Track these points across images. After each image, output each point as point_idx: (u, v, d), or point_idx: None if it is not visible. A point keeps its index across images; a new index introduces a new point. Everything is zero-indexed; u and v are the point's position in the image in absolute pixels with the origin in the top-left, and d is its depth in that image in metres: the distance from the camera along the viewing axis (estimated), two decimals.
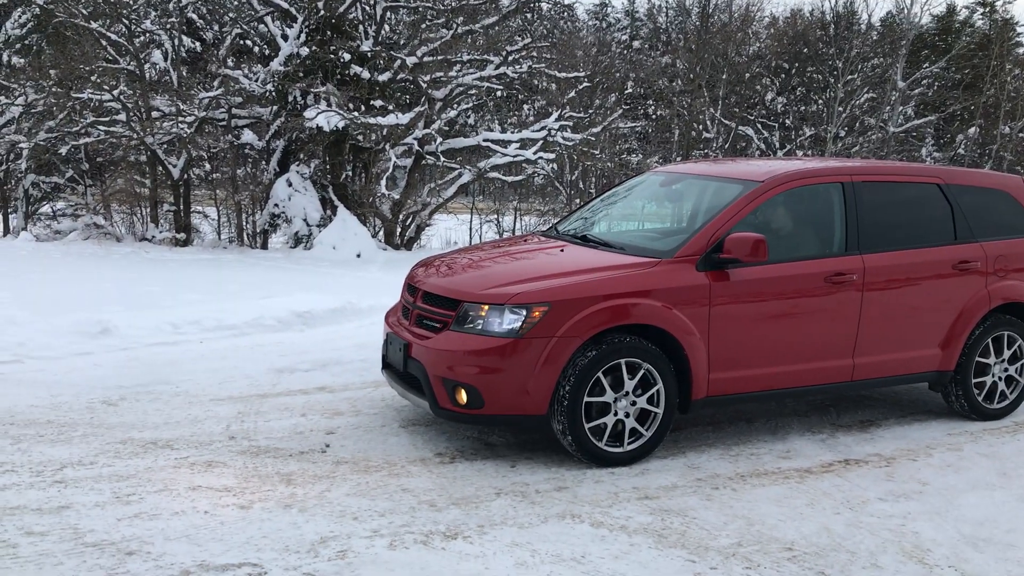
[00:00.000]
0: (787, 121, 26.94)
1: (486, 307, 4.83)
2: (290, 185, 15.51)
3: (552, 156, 17.38)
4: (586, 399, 4.79)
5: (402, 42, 16.97)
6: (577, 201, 22.31)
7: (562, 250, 5.59)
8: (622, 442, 4.92)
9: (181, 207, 16.01)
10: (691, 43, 25.48)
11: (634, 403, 4.91)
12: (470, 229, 20.69)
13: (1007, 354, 6.06)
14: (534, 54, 17.94)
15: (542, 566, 3.75)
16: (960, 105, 29.14)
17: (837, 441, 5.54)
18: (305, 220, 15.49)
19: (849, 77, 25.59)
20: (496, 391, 4.76)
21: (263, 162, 16.47)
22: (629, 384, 4.87)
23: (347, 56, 15.11)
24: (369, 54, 15.49)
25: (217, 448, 4.99)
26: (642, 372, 4.90)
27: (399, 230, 17.16)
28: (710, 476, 4.86)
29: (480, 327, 4.83)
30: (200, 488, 4.41)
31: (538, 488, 4.59)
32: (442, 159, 16.13)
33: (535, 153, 16.54)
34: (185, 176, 15.82)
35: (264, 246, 16.43)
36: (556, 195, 21.95)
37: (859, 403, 6.38)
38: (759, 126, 26.50)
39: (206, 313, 8.28)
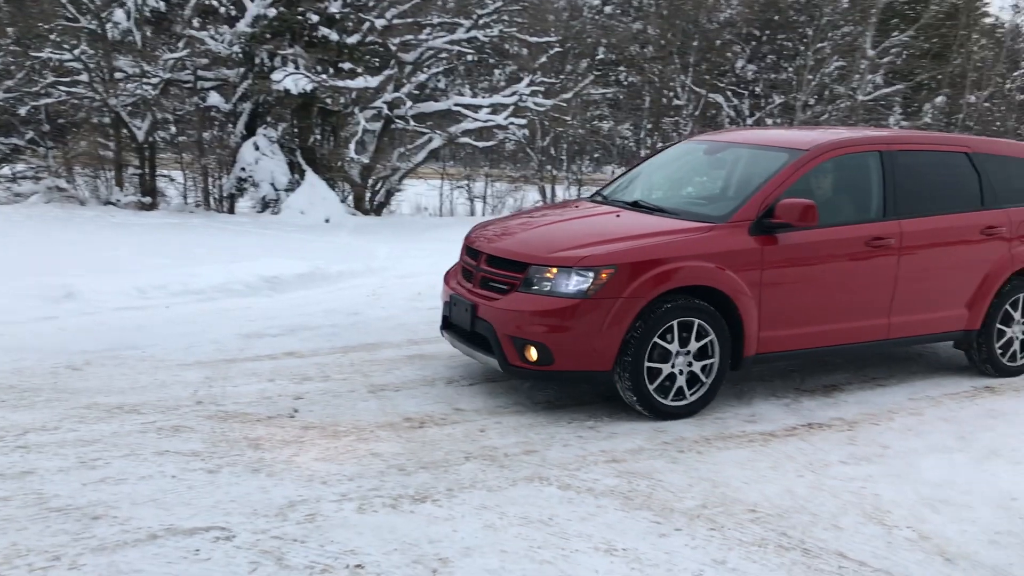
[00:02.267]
0: (757, 89, 26.96)
1: (555, 269, 5.06)
2: (257, 149, 15.30)
3: (523, 122, 17.28)
4: (648, 356, 5.06)
5: (371, 4, 16.69)
6: (548, 167, 22.26)
7: (618, 215, 5.80)
8: (680, 396, 5.21)
9: (146, 170, 15.75)
10: (662, 9, 25.35)
11: (691, 361, 5.20)
12: (440, 195, 20.58)
13: None
14: (505, 18, 17.75)
15: (510, 528, 3.79)
16: (928, 74, 29.32)
17: (801, 405, 5.62)
18: (273, 184, 15.31)
19: (819, 45, 25.62)
20: (565, 349, 4.99)
21: (230, 125, 16.21)
22: (688, 342, 5.16)
23: (315, 18, 14.86)
24: (338, 16, 15.25)
25: (184, 413, 4.97)
26: (700, 331, 5.18)
27: (368, 195, 17.02)
28: (676, 439, 4.92)
29: (548, 288, 5.06)
30: (167, 452, 4.40)
31: (507, 452, 4.62)
32: (412, 123, 15.98)
33: (506, 118, 16.44)
34: (150, 139, 15.55)
35: (231, 210, 16.22)
36: (527, 161, 21.88)
37: (823, 369, 6.47)
38: (729, 94, 26.50)
39: (173, 278, 8.20)
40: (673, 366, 5.16)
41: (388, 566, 3.44)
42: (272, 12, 14.65)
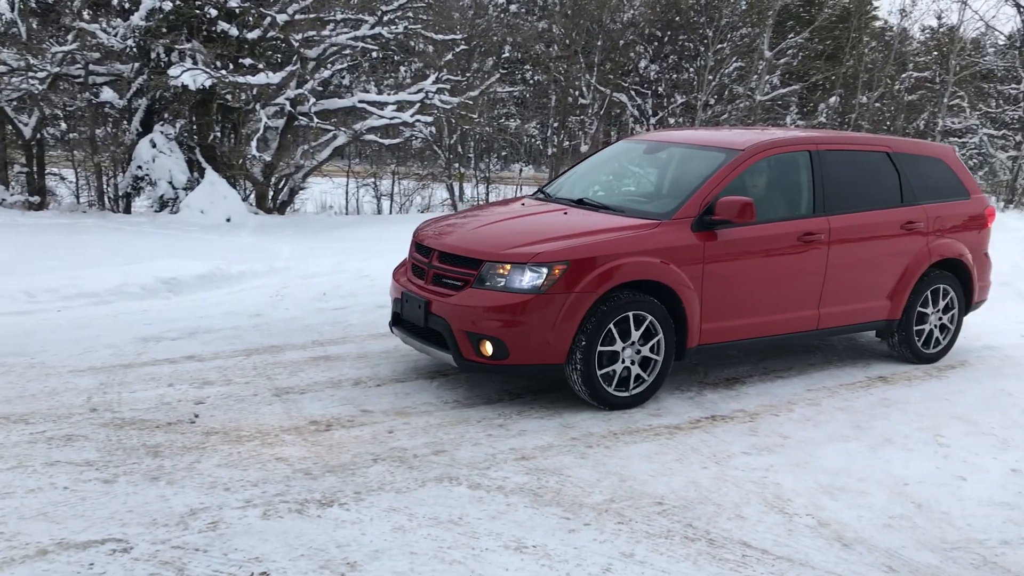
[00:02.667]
0: (660, 89, 27.46)
1: (508, 266, 5.21)
2: (154, 146, 14.82)
3: (430, 119, 17.19)
4: (598, 349, 5.22)
5: None
6: (456, 165, 22.19)
7: (566, 213, 5.96)
8: (627, 386, 5.41)
9: (34, 168, 15.07)
10: (567, 8, 25.57)
11: (639, 352, 5.40)
12: (346, 192, 20.32)
13: (942, 304, 6.84)
14: (410, 14, 17.64)
15: (419, 529, 3.75)
16: (822, 75, 30.38)
17: (704, 398, 5.74)
18: (171, 183, 14.85)
19: (719, 46, 26.27)
20: (520, 343, 5.13)
21: (125, 122, 15.65)
22: (635, 335, 5.36)
23: (214, 12, 14.47)
24: (237, 10, 14.88)
25: (77, 421, 4.76)
26: (646, 324, 5.37)
27: (271, 193, 16.68)
28: (584, 435, 4.96)
29: (503, 284, 5.19)
30: (59, 463, 4.21)
31: (416, 453, 4.58)
32: (316, 120, 15.72)
33: (412, 116, 16.33)
34: (38, 136, 14.88)
35: (127, 210, 15.67)
36: (435, 159, 21.78)
37: (725, 362, 6.62)
38: (633, 93, 26.93)
39: (64, 280, 7.86)
40: (622, 358, 5.34)
41: (295, 572, 3.37)
42: (168, 5, 14.20)
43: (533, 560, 3.56)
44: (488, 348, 5.16)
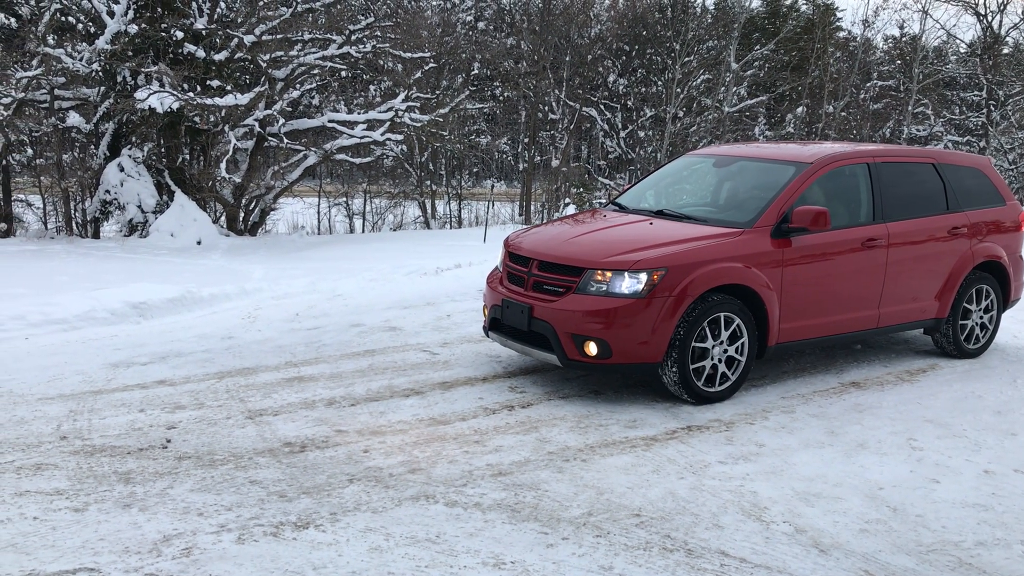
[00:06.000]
0: (629, 102, 27.66)
1: (610, 273, 5.65)
2: (122, 170, 14.72)
3: (400, 137, 17.21)
4: (692, 348, 5.66)
5: (239, 20, 16.33)
6: (428, 183, 22.19)
7: (651, 223, 6.39)
8: (717, 382, 5.84)
9: (0, 195, 14.90)
10: (535, 24, 25.72)
11: (726, 350, 5.83)
12: (318, 212, 20.26)
13: (984, 303, 7.34)
14: (378, 33, 17.66)
15: (397, 548, 3.72)
16: (789, 86, 30.74)
17: (680, 409, 5.75)
18: (140, 207, 14.75)
19: (686, 59, 26.51)
20: (622, 343, 5.56)
21: (92, 146, 15.55)
22: (724, 334, 5.79)
23: (180, 34, 14.43)
24: (204, 32, 14.85)
25: (47, 449, 4.69)
26: (734, 324, 5.81)
27: (242, 215, 16.60)
28: (561, 449, 4.95)
29: (605, 289, 5.63)
30: (28, 493, 4.14)
31: (392, 472, 4.55)
32: (286, 141, 15.71)
33: (383, 134, 16.34)
34: (3, 162, 14.73)
35: (96, 235, 15.53)
36: (407, 177, 21.78)
37: None
38: (602, 107, 27.10)
39: (31, 307, 7.76)
40: (712, 356, 5.76)
41: None
42: (134, 28, 14.14)
43: None
44: (592, 348, 5.59)
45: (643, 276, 5.57)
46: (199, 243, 14.10)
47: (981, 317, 7.36)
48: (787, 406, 5.89)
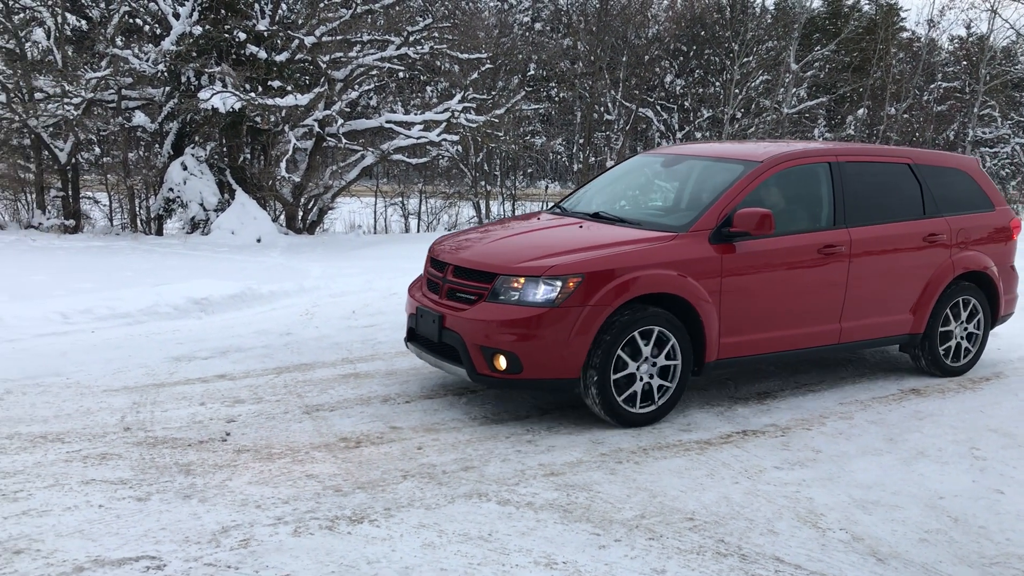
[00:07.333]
0: (686, 103, 27.44)
1: (522, 279, 5.16)
2: (185, 168, 15.02)
3: (456, 138, 17.28)
4: (613, 363, 5.15)
5: (300, 21, 16.56)
6: (483, 183, 22.27)
7: (581, 226, 5.91)
8: (645, 403, 5.34)
9: (70, 192, 15.33)
10: (591, 25, 25.65)
11: (655, 365, 5.32)
12: (375, 212, 20.45)
13: (964, 315, 6.72)
14: (435, 35, 17.77)
15: (449, 546, 3.75)
16: (850, 87, 30.21)
17: (735, 413, 5.70)
18: (202, 204, 15.03)
19: (745, 60, 26.22)
20: (534, 357, 5.07)
21: (156, 145, 15.89)
22: (649, 350, 5.28)
23: (243, 35, 14.67)
24: (266, 33, 15.09)
25: (111, 440, 4.82)
26: (662, 338, 5.31)
27: (301, 214, 16.83)
28: (614, 451, 4.94)
29: (516, 298, 5.14)
30: (94, 482, 4.26)
31: (445, 469, 4.59)
32: (344, 141, 15.87)
33: (439, 135, 16.43)
34: (73, 160, 15.14)
35: (159, 232, 15.88)
36: (461, 177, 21.88)
37: (756, 376, 6.58)
38: (659, 108, 26.93)
39: (98, 302, 7.97)
40: (638, 373, 5.27)
41: None
42: (198, 30, 14.43)
43: None
44: (502, 362, 5.12)
45: (558, 283, 5.07)
46: (259, 241, 14.34)
47: (965, 331, 6.75)
48: (845, 412, 5.80)
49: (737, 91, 25.88)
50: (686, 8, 29.19)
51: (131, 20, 15.70)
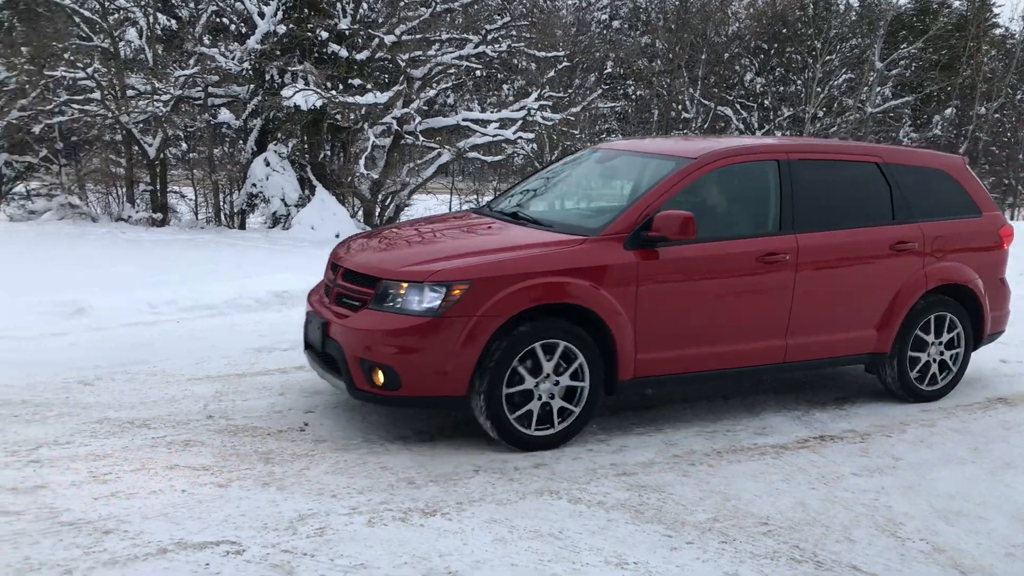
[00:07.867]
0: (766, 102, 26.99)
1: (405, 285, 4.67)
2: (268, 165, 15.38)
3: (531, 136, 17.33)
4: (507, 382, 4.65)
5: (380, 20, 16.81)
6: None
7: (490, 227, 5.49)
8: (546, 425, 4.81)
9: (157, 187, 15.84)
10: (670, 23, 25.44)
11: (557, 384, 4.79)
12: (450, 209, 20.64)
13: (945, 337, 6.00)
14: (513, 33, 17.84)
15: (520, 542, 3.78)
16: (937, 86, 29.30)
17: (812, 418, 5.59)
18: (283, 200, 15.38)
19: (828, 58, 25.67)
20: (413, 372, 4.59)
21: (240, 141, 16.32)
22: (551, 366, 4.74)
23: (324, 34, 14.96)
24: (347, 32, 15.36)
25: (195, 427, 4.98)
26: (567, 353, 4.77)
27: (378, 210, 17.08)
28: (687, 452, 4.90)
29: (399, 305, 4.65)
30: (177, 467, 4.40)
31: (516, 465, 4.61)
32: (421, 139, 16.05)
33: (514, 133, 16.49)
34: (161, 155, 15.65)
35: (242, 226, 16.31)
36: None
37: (834, 381, 6.44)
38: (738, 106, 26.55)
39: (183, 293, 8.22)
40: (536, 391, 4.74)
41: None
42: (282, 29, 14.77)
43: None
44: (380, 377, 4.63)
45: (442, 290, 4.55)
46: (337, 236, 14.58)
47: (942, 352, 5.98)
48: (927, 419, 5.64)
49: (819, 89, 25.35)
50: (767, 5, 28.70)
51: (218, 19, 16.16)
